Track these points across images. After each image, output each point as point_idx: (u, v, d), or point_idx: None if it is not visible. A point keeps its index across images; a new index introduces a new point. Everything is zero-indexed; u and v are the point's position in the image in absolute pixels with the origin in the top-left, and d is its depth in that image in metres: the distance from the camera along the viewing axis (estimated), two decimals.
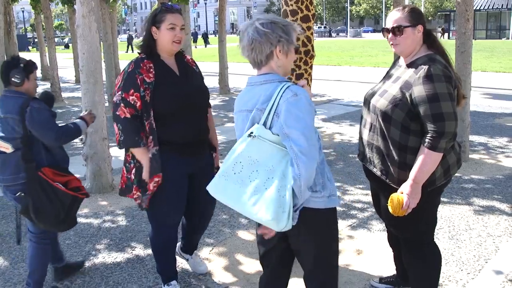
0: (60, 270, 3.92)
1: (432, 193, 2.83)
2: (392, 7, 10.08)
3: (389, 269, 3.82)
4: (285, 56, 2.40)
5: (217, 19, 17.23)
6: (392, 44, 2.89)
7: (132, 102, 3.08)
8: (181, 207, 3.42)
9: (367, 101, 3.03)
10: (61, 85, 15.92)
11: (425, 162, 2.66)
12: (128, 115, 3.09)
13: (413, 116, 2.71)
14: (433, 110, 2.62)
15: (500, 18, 50.67)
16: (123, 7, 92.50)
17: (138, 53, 3.30)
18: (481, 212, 5.02)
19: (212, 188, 2.46)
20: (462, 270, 3.88)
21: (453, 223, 4.76)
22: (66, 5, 17.77)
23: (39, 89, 3.94)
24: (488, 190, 5.67)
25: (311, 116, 2.30)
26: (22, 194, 3.33)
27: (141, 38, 3.31)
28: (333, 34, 73.60)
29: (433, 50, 2.85)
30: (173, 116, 3.19)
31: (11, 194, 3.40)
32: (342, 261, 4.05)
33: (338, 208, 5.27)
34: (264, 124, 2.32)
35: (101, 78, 6.01)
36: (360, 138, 3.11)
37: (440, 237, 4.42)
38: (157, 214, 3.37)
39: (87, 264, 4.16)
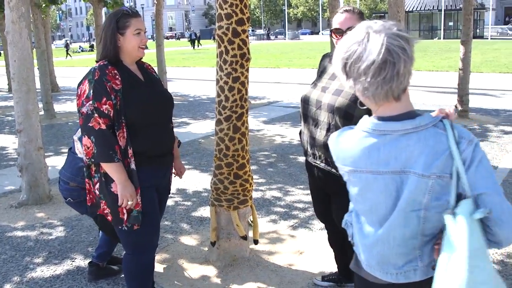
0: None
1: None
2: (328, 9, 10.26)
3: (331, 267, 3.89)
4: None
5: (154, 23, 17.04)
6: None
7: (106, 112, 2.81)
8: (158, 224, 3.21)
9: (316, 102, 3.02)
10: None
11: None
12: (103, 126, 2.80)
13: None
14: None
15: (431, 19, 52.69)
16: (57, 12, 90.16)
17: (96, 61, 3.07)
18: None
19: None
20: None
21: None
22: None
23: None
24: None
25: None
26: (71, 200, 3.58)
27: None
28: (272, 37, 74.19)
29: None
30: (143, 125, 2.95)
31: (63, 189, 3.63)
32: (284, 261, 4.10)
33: (279, 209, 5.33)
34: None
35: (35, 86, 5.82)
36: (312, 139, 3.08)
37: None
38: (135, 236, 3.05)
39: (24, 278, 4.02)
